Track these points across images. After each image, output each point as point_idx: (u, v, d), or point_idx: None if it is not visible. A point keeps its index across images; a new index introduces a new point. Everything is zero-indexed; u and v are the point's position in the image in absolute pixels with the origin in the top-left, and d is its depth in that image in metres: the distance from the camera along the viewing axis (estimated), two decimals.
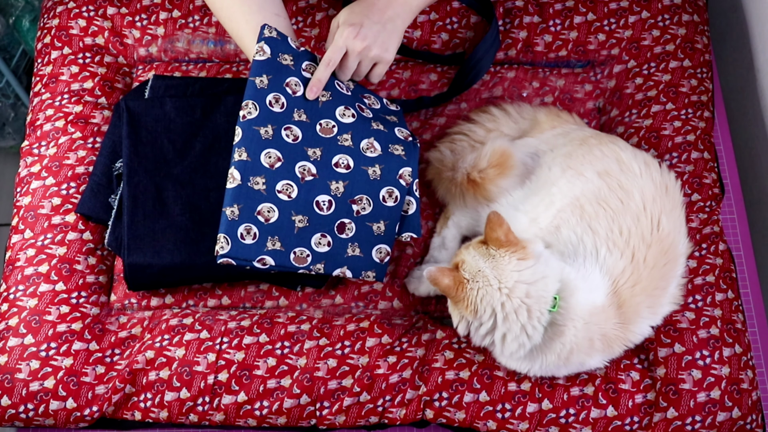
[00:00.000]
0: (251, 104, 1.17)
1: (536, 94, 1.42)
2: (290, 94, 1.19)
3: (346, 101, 1.22)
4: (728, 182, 1.44)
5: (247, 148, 1.15)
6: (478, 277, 1.06)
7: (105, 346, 1.21)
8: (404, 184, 1.19)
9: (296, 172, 1.17)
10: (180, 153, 1.31)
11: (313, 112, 1.20)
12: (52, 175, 1.31)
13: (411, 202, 1.22)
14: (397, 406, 1.18)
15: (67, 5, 1.43)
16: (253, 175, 1.15)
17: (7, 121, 1.82)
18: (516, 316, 1.06)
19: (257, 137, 1.16)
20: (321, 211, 1.17)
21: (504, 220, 1.07)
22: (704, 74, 1.40)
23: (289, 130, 1.18)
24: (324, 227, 1.17)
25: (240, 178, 1.14)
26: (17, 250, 1.27)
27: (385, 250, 1.18)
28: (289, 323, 1.22)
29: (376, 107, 1.26)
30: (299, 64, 1.21)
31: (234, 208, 1.14)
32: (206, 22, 1.43)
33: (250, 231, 1.14)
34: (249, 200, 1.14)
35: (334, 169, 1.19)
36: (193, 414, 1.18)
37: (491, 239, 1.07)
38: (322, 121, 1.20)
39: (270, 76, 1.19)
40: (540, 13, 1.44)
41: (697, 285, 1.24)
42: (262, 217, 1.15)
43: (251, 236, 1.14)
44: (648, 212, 1.14)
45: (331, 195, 1.18)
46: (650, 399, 1.17)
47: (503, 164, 1.20)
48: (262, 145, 1.16)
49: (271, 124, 1.17)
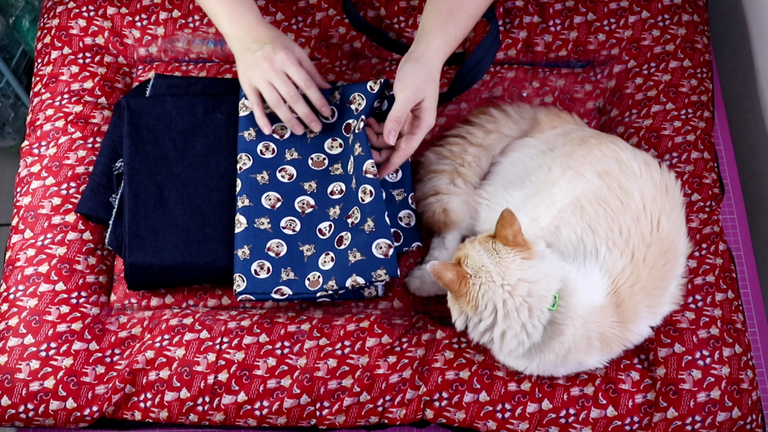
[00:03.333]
0: (245, 156, 1.28)
1: (536, 94, 1.42)
2: (278, 139, 1.30)
3: (333, 133, 1.29)
4: (728, 182, 1.44)
5: (249, 195, 1.26)
6: (481, 273, 1.06)
7: (105, 346, 1.21)
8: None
9: (296, 207, 1.26)
10: (181, 152, 1.31)
11: (303, 149, 1.30)
12: (52, 175, 1.31)
13: (410, 215, 1.27)
14: (397, 406, 1.18)
15: (67, 5, 1.43)
16: (257, 217, 1.25)
17: (7, 121, 1.82)
18: (517, 314, 1.06)
19: (255, 184, 1.27)
20: (324, 236, 1.23)
21: (516, 220, 1.07)
22: (704, 74, 1.40)
23: (284, 171, 1.28)
24: (327, 247, 1.22)
25: (246, 222, 1.24)
26: (17, 250, 1.27)
27: (385, 244, 1.17)
28: (289, 323, 1.22)
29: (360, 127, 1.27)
30: None
31: (245, 249, 1.22)
32: (206, 22, 1.43)
33: (264, 266, 1.22)
34: (257, 240, 1.23)
35: (330, 197, 1.26)
36: (193, 414, 1.18)
37: (500, 236, 1.08)
38: (313, 156, 1.29)
39: (255, 128, 1.30)
40: (540, 13, 1.44)
41: (697, 285, 1.24)
42: (272, 252, 1.23)
43: (265, 271, 1.22)
44: (648, 212, 1.14)
45: (331, 220, 1.24)
46: (650, 399, 1.17)
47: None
48: (261, 190, 1.26)
49: (266, 169, 1.28)
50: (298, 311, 1.26)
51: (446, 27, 1.23)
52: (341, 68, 1.43)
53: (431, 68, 1.21)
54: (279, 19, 1.44)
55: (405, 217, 1.27)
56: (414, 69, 1.20)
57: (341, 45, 1.44)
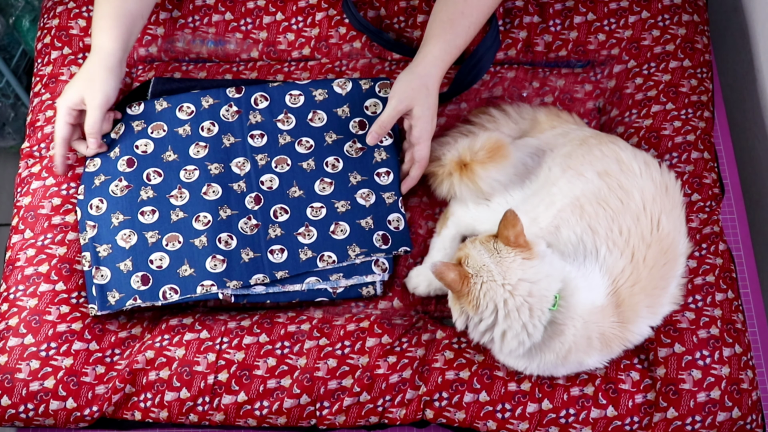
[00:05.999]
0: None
1: (536, 94, 1.42)
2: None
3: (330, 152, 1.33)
4: (728, 182, 1.44)
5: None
6: (482, 272, 1.06)
7: (105, 346, 1.21)
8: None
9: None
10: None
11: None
12: (52, 175, 1.31)
13: (399, 219, 1.28)
14: (397, 406, 1.18)
15: (67, 5, 1.43)
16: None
17: (7, 121, 1.82)
18: (518, 314, 1.06)
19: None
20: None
21: (519, 221, 1.07)
22: (704, 74, 1.40)
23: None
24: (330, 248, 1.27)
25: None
26: (17, 250, 1.27)
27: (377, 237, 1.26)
28: (289, 323, 1.22)
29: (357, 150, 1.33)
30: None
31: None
32: (206, 22, 1.43)
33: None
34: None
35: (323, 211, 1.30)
36: (193, 414, 1.18)
37: (502, 236, 1.08)
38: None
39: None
40: (540, 13, 1.44)
41: (697, 285, 1.24)
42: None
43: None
44: (648, 212, 1.14)
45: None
46: (650, 399, 1.17)
47: (496, 151, 1.20)
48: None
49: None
50: (298, 311, 1.26)
51: (445, 36, 1.26)
52: (341, 68, 1.43)
53: (424, 76, 1.24)
54: (279, 19, 1.44)
55: (394, 220, 1.28)
56: (406, 78, 1.24)
57: (341, 45, 1.44)
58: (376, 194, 1.29)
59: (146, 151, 1.30)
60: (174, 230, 1.25)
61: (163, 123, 1.33)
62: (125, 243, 1.24)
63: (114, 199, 1.27)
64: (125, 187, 1.28)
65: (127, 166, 1.29)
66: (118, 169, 1.29)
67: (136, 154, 1.30)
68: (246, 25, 1.44)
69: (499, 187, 1.22)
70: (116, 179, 1.28)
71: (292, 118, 1.34)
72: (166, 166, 1.30)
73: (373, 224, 1.27)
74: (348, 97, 1.36)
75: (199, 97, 1.34)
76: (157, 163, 1.30)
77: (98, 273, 1.23)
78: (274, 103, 1.35)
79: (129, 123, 1.33)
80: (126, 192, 1.27)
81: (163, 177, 1.29)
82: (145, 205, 1.27)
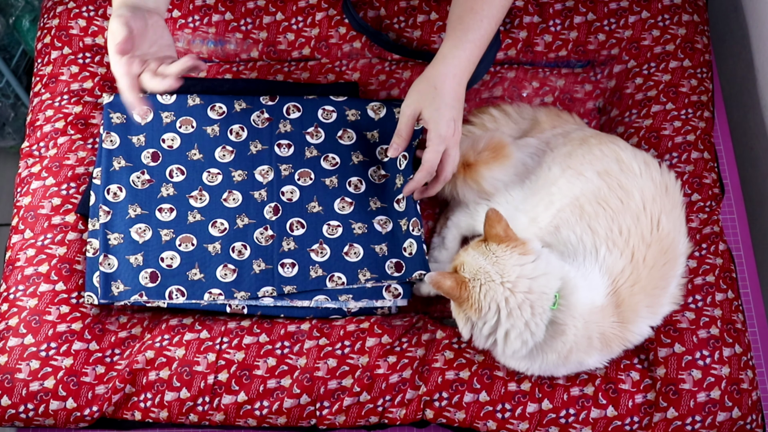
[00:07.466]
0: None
1: (536, 94, 1.42)
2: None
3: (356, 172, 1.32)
4: (728, 182, 1.44)
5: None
6: (479, 275, 1.06)
7: (105, 346, 1.21)
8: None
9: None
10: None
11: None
12: (52, 175, 1.31)
13: (412, 243, 1.26)
14: (397, 406, 1.18)
15: (67, 5, 1.43)
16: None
17: (7, 121, 1.82)
18: (520, 312, 1.06)
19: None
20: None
21: (502, 217, 1.07)
22: (704, 74, 1.40)
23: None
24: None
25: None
26: (17, 250, 1.27)
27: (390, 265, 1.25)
28: (289, 323, 1.22)
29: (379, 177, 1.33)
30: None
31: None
32: (206, 22, 1.43)
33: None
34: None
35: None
36: (193, 414, 1.18)
37: (491, 236, 1.07)
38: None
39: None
40: (540, 13, 1.44)
41: (697, 285, 1.24)
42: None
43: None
44: (648, 212, 1.14)
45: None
46: (650, 399, 1.17)
47: (499, 151, 1.20)
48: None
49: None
50: None
51: (454, 33, 1.21)
52: (341, 68, 1.43)
53: (432, 77, 1.19)
54: (279, 19, 1.44)
55: (408, 246, 1.26)
56: (416, 82, 1.22)
57: (341, 45, 1.44)
58: (394, 222, 1.28)
59: (172, 146, 1.30)
60: (189, 231, 1.25)
61: (193, 119, 1.32)
62: (139, 237, 1.24)
63: (134, 190, 1.27)
64: (147, 181, 1.27)
65: (152, 160, 1.29)
66: (142, 161, 1.29)
67: (162, 148, 1.30)
68: (246, 25, 1.44)
69: (500, 187, 1.22)
70: (139, 170, 1.28)
71: (321, 133, 1.33)
72: (190, 165, 1.29)
73: (387, 251, 1.26)
74: (380, 123, 1.34)
75: (233, 99, 1.34)
76: (182, 161, 1.30)
77: (105, 261, 1.22)
78: (305, 115, 1.34)
79: (158, 112, 1.32)
80: (147, 186, 1.27)
81: (185, 176, 1.29)
82: (165, 202, 1.26)
